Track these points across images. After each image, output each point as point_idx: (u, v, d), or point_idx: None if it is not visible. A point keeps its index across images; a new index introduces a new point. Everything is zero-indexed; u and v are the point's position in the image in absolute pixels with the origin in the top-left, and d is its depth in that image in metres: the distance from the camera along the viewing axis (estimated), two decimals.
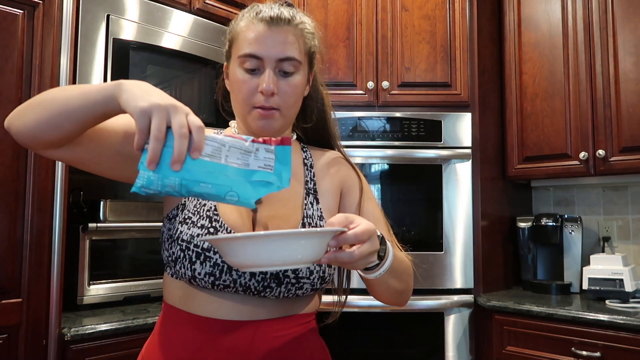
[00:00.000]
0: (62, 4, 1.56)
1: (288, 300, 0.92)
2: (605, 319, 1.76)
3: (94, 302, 1.78)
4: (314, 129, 1.09)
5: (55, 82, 1.53)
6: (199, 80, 2.01)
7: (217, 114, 2.04)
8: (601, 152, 2.08)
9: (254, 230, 0.91)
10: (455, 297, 2.14)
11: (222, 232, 0.88)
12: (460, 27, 2.28)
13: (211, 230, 0.88)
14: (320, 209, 0.98)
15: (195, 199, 0.92)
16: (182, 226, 0.90)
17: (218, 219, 0.90)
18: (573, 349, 1.82)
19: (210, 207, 0.91)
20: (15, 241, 1.44)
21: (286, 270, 0.87)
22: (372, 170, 2.23)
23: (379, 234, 0.82)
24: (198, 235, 0.88)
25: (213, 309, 0.88)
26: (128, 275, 1.88)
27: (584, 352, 1.79)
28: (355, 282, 1.17)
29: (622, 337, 1.72)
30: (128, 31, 1.79)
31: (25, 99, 1.47)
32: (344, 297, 1.08)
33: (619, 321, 1.72)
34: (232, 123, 1.05)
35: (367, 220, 0.78)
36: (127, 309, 1.78)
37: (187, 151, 0.69)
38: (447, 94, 2.26)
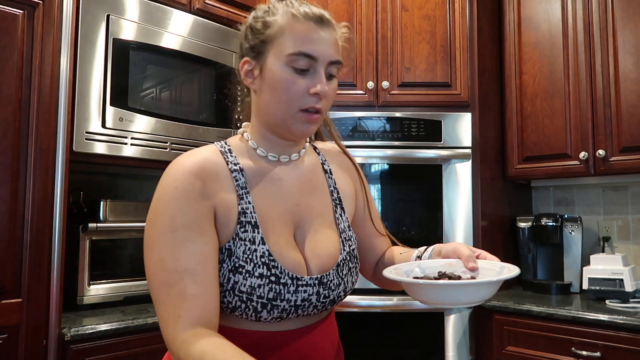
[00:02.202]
0: (62, 4, 1.56)
1: None
2: (605, 319, 1.76)
3: (94, 302, 1.78)
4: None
5: (55, 82, 1.53)
6: (199, 80, 2.01)
7: (217, 114, 2.04)
8: (601, 152, 2.08)
9: (305, 264, 0.90)
10: None
11: (284, 278, 0.85)
12: (460, 27, 2.28)
13: (272, 279, 0.84)
14: (347, 218, 1.00)
15: (242, 242, 0.85)
16: (235, 276, 0.83)
17: (276, 264, 0.85)
18: (573, 349, 1.82)
19: (264, 253, 0.85)
20: (15, 241, 1.44)
21: (340, 292, 0.93)
22: (372, 170, 2.23)
23: None
24: (259, 286, 0.83)
25: (262, 326, 0.87)
26: (128, 275, 1.88)
27: (584, 352, 1.79)
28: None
29: (622, 337, 1.72)
30: (128, 31, 1.79)
31: (25, 99, 1.47)
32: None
33: (619, 321, 1.72)
34: (244, 131, 0.97)
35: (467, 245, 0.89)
36: (127, 309, 1.78)
37: None
38: (447, 94, 2.25)
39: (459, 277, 0.85)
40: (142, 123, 1.81)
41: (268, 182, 0.91)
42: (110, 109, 1.72)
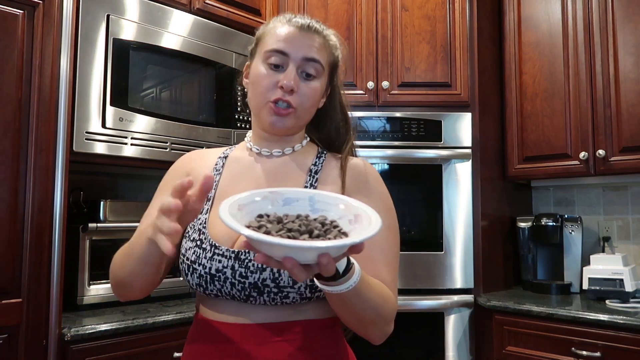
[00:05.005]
0: (62, 4, 1.56)
1: (292, 306, 0.89)
2: (605, 319, 1.76)
3: (94, 302, 1.78)
4: (328, 140, 1.08)
5: (55, 82, 1.53)
6: (199, 80, 2.01)
7: (217, 114, 2.04)
8: (601, 152, 2.08)
9: (238, 240, 0.90)
10: (456, 297, 2.13)
11: (205, 243, 0.91)
12: (460, 27, 2.28)
13: (198, 243, 0.92)
14: None
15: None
16: (184, 240, 0.95)
17: (205, 231, 0.92)
18: (573, 349, 1.82)
19: (202, 220, 0.94)
20: (15, 241, 1.44)
21: (265, 280, 0.85)
22: None
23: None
24: (190, 248, 0.92)
25: (217, 314, 0.91)
26: None
27: (584, 352, 1.79)
28: None
29: (622, 337, 1.72)
30: (128, 31, 1.79)
31: (25, 99, 1.47)
32: None
33: (619, 321, 1.72)
34: (248, 135, 1.05)
35: None
36: (127, 309, 1.78)
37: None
38: (447, 94, 2.25)
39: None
40: (142, 123, 1.81)
41: (240, 167, 1.01)
42: (110, 109, 1.72)
